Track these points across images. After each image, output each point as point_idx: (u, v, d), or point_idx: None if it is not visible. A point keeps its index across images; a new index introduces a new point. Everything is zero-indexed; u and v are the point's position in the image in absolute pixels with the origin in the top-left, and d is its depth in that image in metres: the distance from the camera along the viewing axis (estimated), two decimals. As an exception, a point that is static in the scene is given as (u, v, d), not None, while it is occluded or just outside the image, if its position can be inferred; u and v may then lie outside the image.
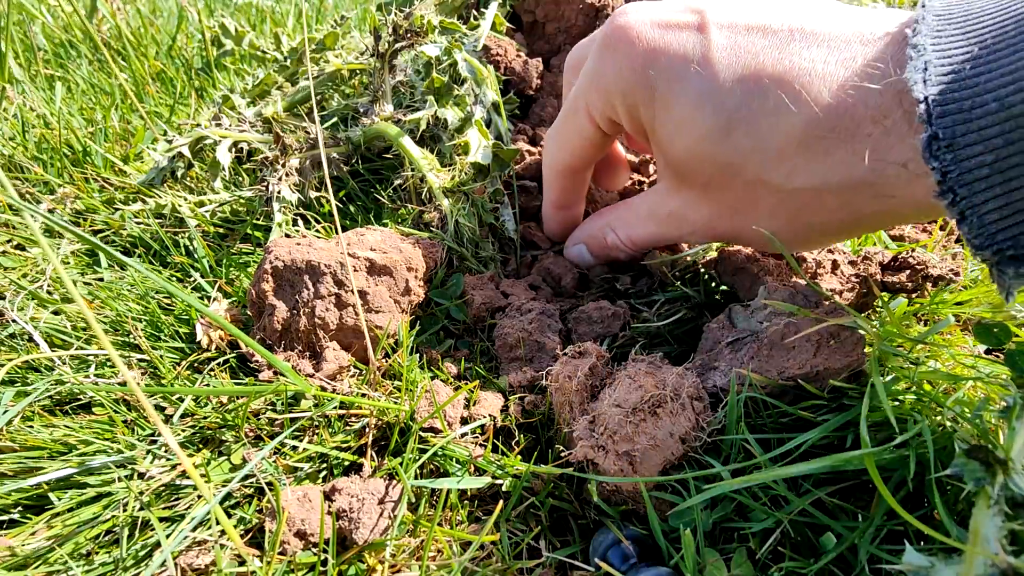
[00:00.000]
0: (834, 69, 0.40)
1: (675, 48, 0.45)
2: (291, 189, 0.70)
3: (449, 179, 0.66)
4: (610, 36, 0.48)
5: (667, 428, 0.42)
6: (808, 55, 0.41)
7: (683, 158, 0.48)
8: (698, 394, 0.44)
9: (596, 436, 0.43)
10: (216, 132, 0.75)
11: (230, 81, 1.07)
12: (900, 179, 0.39)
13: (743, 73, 0.43)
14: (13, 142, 0.87)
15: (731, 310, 0.51)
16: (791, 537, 0.40)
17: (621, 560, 0.40)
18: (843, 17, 0.42)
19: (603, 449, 0.42)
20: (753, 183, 0.45)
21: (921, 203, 0.40)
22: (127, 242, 0.72)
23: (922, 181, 0.37)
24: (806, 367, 0.43)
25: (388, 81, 0.75)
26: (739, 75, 0.43)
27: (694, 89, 0.44)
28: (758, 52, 0.42)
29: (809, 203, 0.44)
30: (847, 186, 0.41)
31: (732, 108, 0.43)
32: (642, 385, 0.43)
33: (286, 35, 1.05)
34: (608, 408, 0.43)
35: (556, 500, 0.45)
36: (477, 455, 0.47)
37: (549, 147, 0.60)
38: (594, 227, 0.62)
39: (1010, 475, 0.31)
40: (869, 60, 0.39)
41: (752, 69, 0.42)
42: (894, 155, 0.38)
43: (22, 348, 0.57)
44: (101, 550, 0.43)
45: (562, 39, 0.83)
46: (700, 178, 0.49)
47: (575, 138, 0.56)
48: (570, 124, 0.56)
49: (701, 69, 0.44)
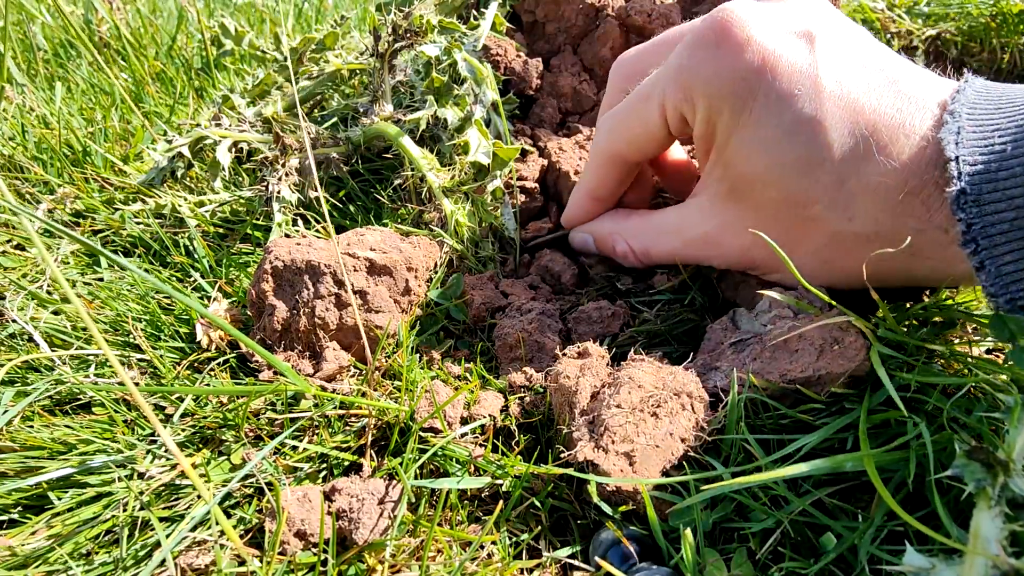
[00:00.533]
0: (917, 128, 0.41)
1: (785, 66, 0.43)
2: (291, 189, 0.70)
3: (449, 179, 0.66)
4: (714, 31, 0.45)
5: (667, 428, 0.42)
6: (899, 108, 0.42)
7: (752, 180, 0.46)
8: (698, 395, 0.44)
9: (596, 436, 0.43)
10: (216, 132, 0.75)
11: (230, 81, 1.07)
12: (937, 242, 0.41)
13: (844, 112, 0.42)
14: (13, 142, 0.87)
15: (735, 312, 0.51)
16: (791, 537, 0.40)
17: (621, 560, 0.40)
18: (923, 78, 0.44)
19: (603, 449, 0.42)
20: (811, 219, 0.45)
21: (948, 269, 0.42)
22: (127, 242, 0.72)
23: (953, 248, 0.40)
24: (808, 370, 0.43)
25: (388, 81, 0.75)
26: (840, 113, 0.42)
27: (794, 114, 0.43)
28: (860, 95, 0.42)
29: (854, 249, 0.44)
30: (893, 238, 0.42)
31: (825, 145, 0.42)
32: (642, 385, 0.43)
33: (286, 35, 1.04)
34: (608, 408, 0.43)
35: (556, 500, 0.45)
36: (477, 455, 0.47)
37: (603, 130, 0.56)
38: (604, 229, 0.60)
39: (1011, 476, 0.31)
40: (935, 123, 0.41)
41: (853, 110, 0.42)
42: (937, 218, 0.40)
43: (22, 348, 0.57)
44: (101, 550, 0.43)
45: (562, 39, 0.83)
46: (760, 204, 0.47)
47: (636, 126, 0.53)
48: (636, 111, 0.52)
49: (809, 96, 0.43)
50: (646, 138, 0.53)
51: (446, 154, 0.70)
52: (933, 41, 1.02)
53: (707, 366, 0.49)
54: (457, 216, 0.64)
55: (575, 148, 0.74)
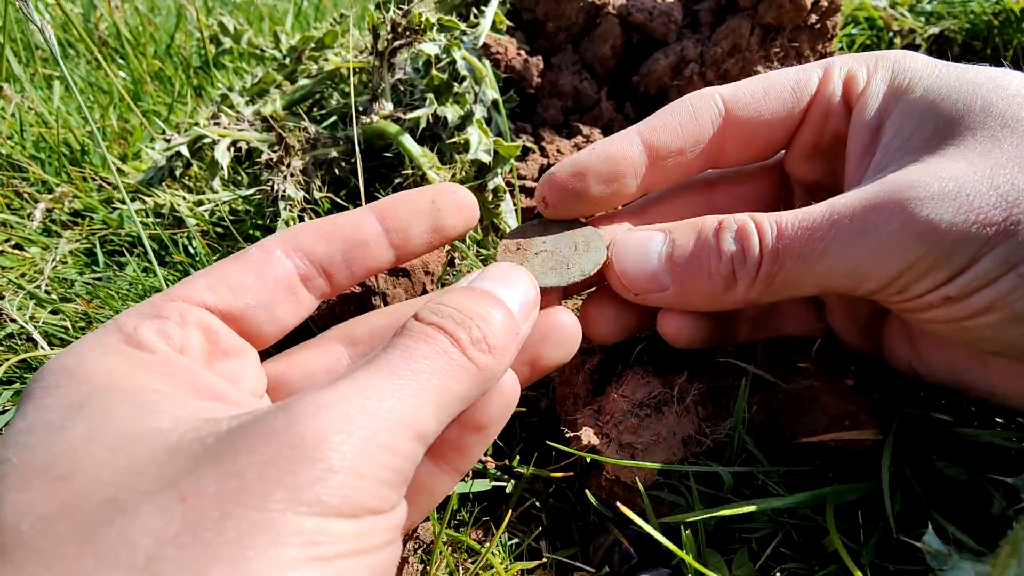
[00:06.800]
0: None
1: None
2: (296, 187, 0.70)
3: (450, 177, 0.66)
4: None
5: (671, 427, 0.41)
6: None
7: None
8: (703, 400, 0.44)
9: (601, 424, 0.43)
10: (214, 131, 0.74)
11: (229, 80, 1.06)
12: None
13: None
14: (11, 141, 0.87)
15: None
16: (793, 538, 0.40)
17: (621, 561, 0.40)
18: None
19: (607, 437, 0.42)
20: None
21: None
22: (125, 241, 0.71)
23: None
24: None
25: (387, 79, 0.75)
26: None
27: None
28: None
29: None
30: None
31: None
32: (650, 382, 0.43)
33: (285, 33, 1.04)
34: (615, 399, 0.43)
35: (557, 501, 0.45)
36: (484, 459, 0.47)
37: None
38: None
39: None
40: None
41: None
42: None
43: (21, 348, 0.57)
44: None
45: (562, 37, 0.83)
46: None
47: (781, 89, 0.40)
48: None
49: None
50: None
51: (446, 152, 0.70)
52: (936, 39, 1.02)
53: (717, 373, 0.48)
54: (457, 215, 0.64)
55: (574, 150, 0.74)
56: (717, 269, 0.37)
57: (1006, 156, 0.31)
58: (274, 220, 0.69)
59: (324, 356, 0.39)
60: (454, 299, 0.33)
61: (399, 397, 0.27)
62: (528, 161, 0.74)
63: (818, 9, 0.77)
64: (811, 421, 0.41)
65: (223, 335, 0.35)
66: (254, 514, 0.23)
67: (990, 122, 0.33)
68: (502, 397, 0.35)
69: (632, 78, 0.81)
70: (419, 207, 0.40)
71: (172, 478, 0.24)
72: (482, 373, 0.31)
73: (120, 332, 0.31)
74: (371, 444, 0.25)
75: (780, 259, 0.35)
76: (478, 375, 0.31)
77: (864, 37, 1.04)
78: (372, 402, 0.26)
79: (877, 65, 0.39)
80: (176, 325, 0.32)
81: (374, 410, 0.26)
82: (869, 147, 0.38)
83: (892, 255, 0.32)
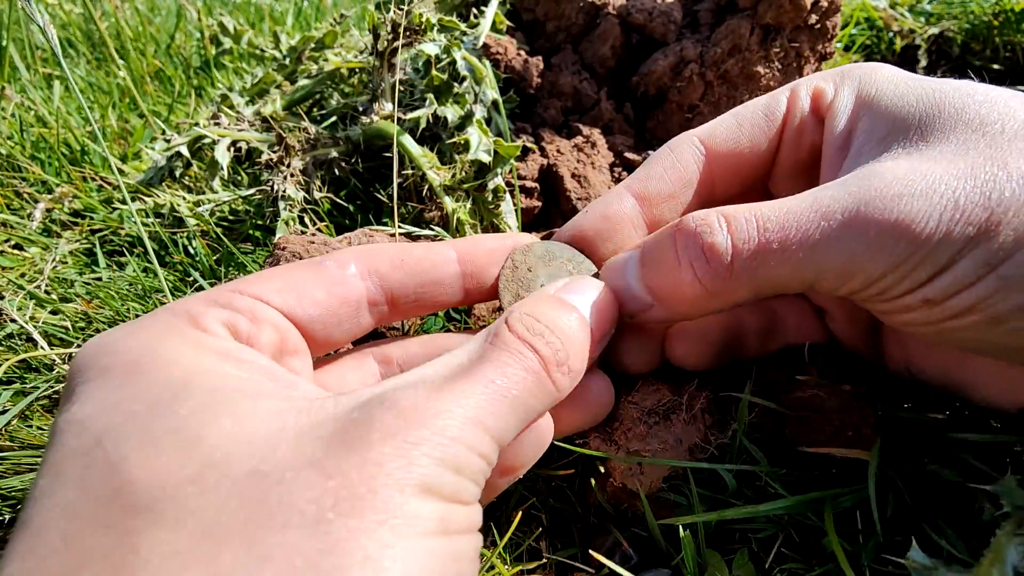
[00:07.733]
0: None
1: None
2: (296, 187, 0.70)
3: (449, 177, 0.66)
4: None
5: (678, 435, 0.41)
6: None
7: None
8: (710, 408, 0.44)
9: (610, 431, 0.43)
10: (214, 131, 0.74)
11: (229, 80, 1.06)
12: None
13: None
14: (11, 141, 0.87)
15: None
16: (794, 539, 0.40)
17: (622, 562, 0.40)
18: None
19: (615, 444, 0.42)
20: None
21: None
22: (125, 241, 0.71)
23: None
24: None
25: (387, 79, 0.75)
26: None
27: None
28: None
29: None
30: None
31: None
32: (659, 389, 0.43)
33: (285, 33, 1.04)
34: (625, 405, 0.43)
35: (557, 502, 0.45)
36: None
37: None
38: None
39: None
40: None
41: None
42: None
43: (20, 348, 0.57)
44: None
45: (562, 37, 0.83)
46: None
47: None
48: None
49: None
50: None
51: (446, 152, 0.70)
52: (935, 40, 1.02)
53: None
54: (458, 214, 0.64)
55: (573, 151, 0.74)
56: (685, 274, 0.35)
57: (983, 156, 0.31)
58: (274, 220, 0.69)
59: (360, 370, 0.40)
60: (545, 313, 0.33)
61: (490, 410, 0.29)
62: (528, 161, 0.74)
63: (818, 9, 0.77)
64: (815, 431, 0.41)
65: (291, 335, 0.36)
66: (394, 494, 0.25)
67: (962, 125, 0.33)
68: (539, 439, 0.36)
69: (632, 78, 0.81)
70: (500, 255, 0.41)
71: (311, 457, 0.26)
72: (558, 394, 0.33)
73: (189, 317, 0.32)
74: (460, 443, 0.28)
75: (761, 254, 0.33)
76: (554, 395, 0.32)
77: (864, 37, 1.04)
78: (469, 410, 0.29)
79: (843, 79, 0.40)
80: (246, 320, 0.33)
81: (469, 416, 0.28)
82: (841, 149, 0.38)
83: (878, 252, 0.31)
